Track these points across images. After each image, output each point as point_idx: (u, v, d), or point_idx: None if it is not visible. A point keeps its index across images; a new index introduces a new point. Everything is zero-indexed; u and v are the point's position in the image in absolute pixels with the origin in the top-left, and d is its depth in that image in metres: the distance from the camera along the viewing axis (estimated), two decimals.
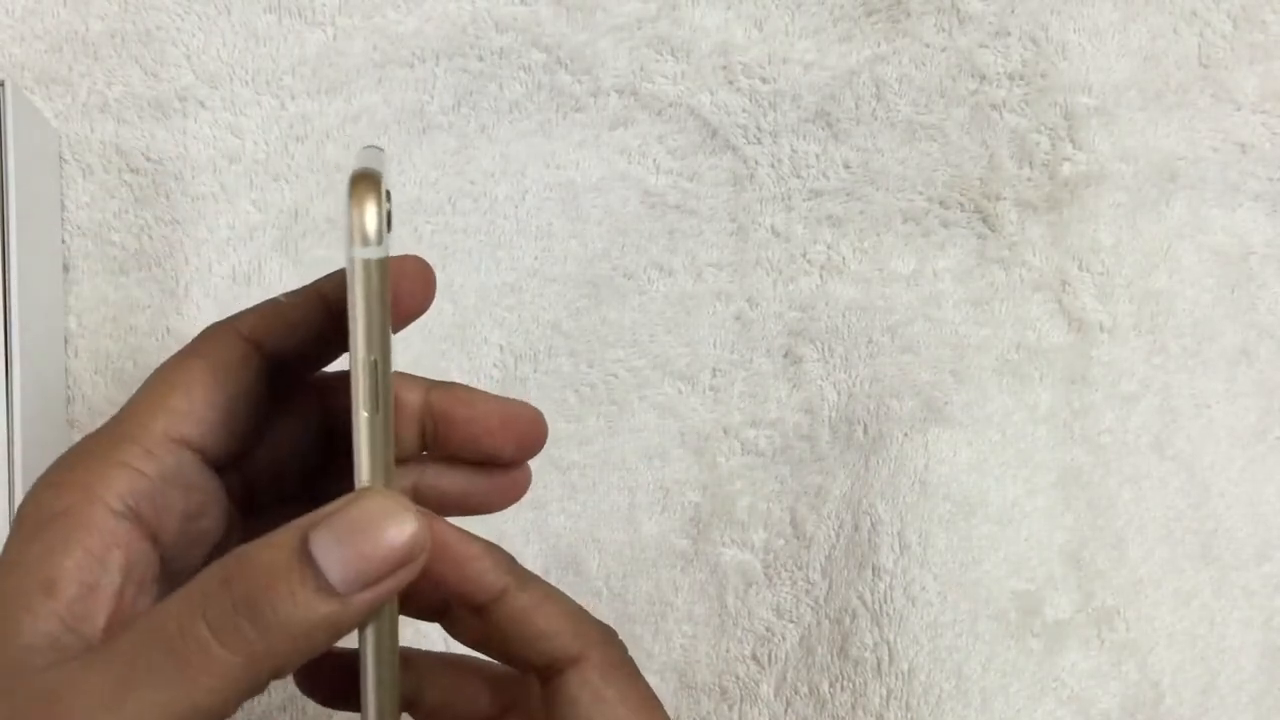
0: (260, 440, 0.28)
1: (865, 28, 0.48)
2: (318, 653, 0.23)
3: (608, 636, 0.28)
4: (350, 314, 0.23)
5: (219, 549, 0.27)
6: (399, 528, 0.23)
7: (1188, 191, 0.49)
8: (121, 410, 0.26)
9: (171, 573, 0.26)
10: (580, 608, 0.28)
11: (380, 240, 0.22)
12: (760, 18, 0.48)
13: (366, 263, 0.22)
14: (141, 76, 0.45)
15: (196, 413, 0.25)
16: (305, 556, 0.22)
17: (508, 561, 0.27)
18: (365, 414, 0.23)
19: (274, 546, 0.22)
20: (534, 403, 0.46)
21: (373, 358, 0.23)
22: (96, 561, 0.23)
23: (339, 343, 0.27)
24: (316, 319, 0.27)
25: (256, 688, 0.22)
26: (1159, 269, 0.48)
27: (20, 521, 0.24)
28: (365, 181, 0.22)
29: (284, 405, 0.28)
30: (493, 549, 0.27)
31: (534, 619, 0.27)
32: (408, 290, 0.27)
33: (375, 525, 0.23)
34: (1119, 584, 0.46)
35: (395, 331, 0.26)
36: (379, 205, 0.22)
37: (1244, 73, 0.49)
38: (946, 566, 0.45)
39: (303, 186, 0.45)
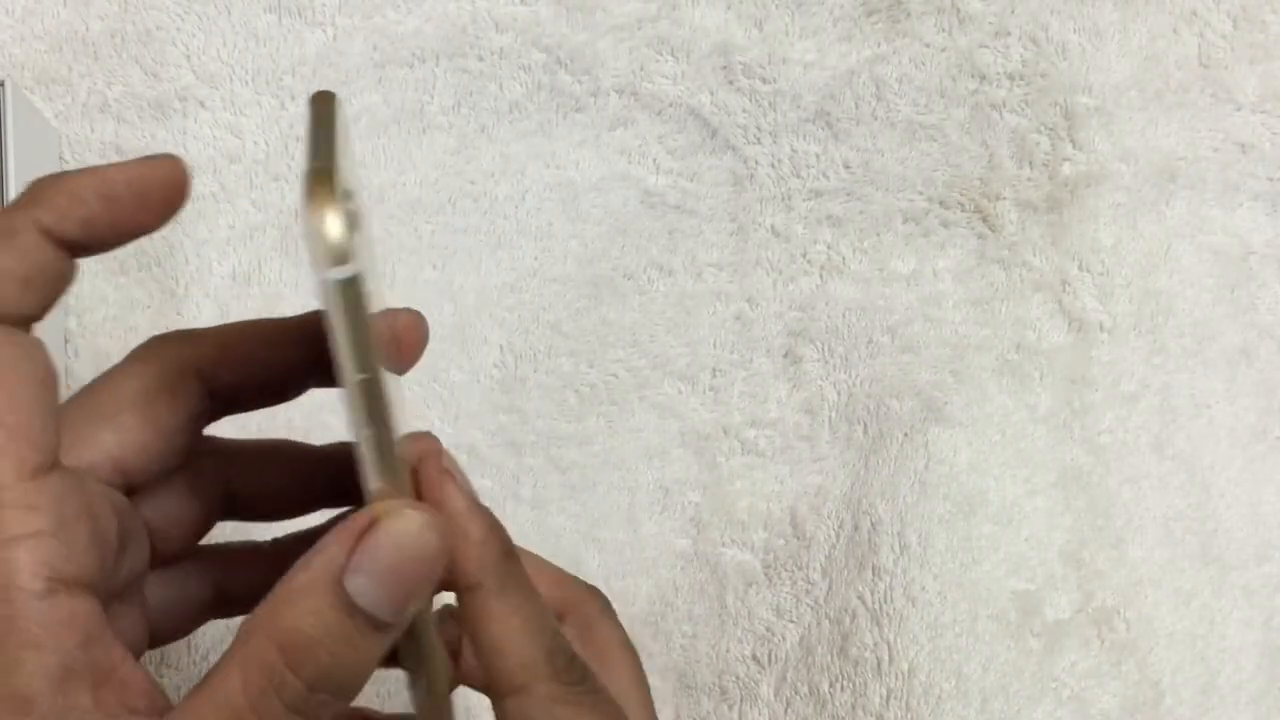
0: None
1: (865, 28, 0.48)
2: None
3: (564, 670, 0.26)
4: (330, 338, 0.21)
5: (126, 540, 0.25)
6: (425, 548, 0.23)
7: (1188, 191, 0.49)
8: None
9: (108, 594, 0.25)
10: (554, 633, 0.26)
11: (348, 256, 0.20)
12: (760, 18, 0.48)
13: (339, 284, 0.20)
14: (141, 76, 0.45)
15: (24, 432, 0.22)
16: (353, 609, 0.22)
17: (497, 559, 0.26)
18: (366, 431, 0.22)
19: (319, 614, 0.22)
20: (534, 403, 0.46)
21: (365, 377, 0.21)
22: (51, 655, 0.21)
23: (72, 275, 0.24)
24: (47, 265, 0.23)
25: None
26: (1159, 269, 0.48)
27: None
28: (320, 182, 0.20)
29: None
30: (490, 538, 0.26)
31: (490, 628, 0.26)
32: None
33: (404, 554, 0.22)
34: (1119, 584, 0.46)
35: (130, 240, 0.24)
36: (340, 213, 0.20)
37: (1244, 73, 0.49)
38: (946, 566, 0.45)
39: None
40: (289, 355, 0.27)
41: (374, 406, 0.22)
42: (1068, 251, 0.48)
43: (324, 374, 0.28)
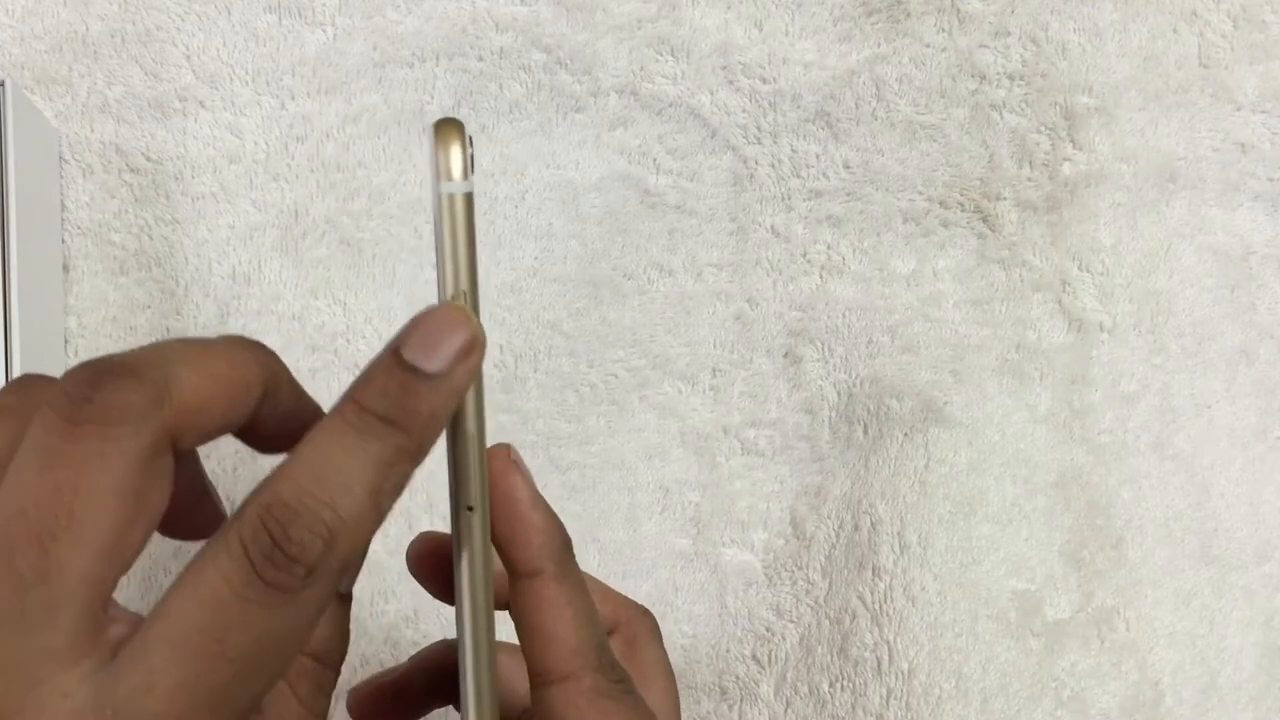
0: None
1: (865, 28, 0.48)
2: (445, 424, 0.24)
3: (610, 667, 0.27)
4: (438, 251, 0.24)
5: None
6: (462, 325, 0.24)
7: (1188, 191, 0.49)
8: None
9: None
10: (601, 631, 0.27)
11: (466, 176, 0.24)
12: (760, 18, 0.48)
13: (453, 197, 0.24)
14: (141, 76, 0.45)
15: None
16: (404, 364, 0.23)
17: (559, 549, 0.27)
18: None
19: (376, 376, 0.23)
20: (534, 402, 0.46)
21: (462, 289, 0.24)
22: None
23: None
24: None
25: (418, 463, 0.24)
26: (1159, 269, 0.48)
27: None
28: (450, 125, 0.24)
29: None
30: (553, 529, 0.27)
31: (544, 614, 0.27)
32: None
33: (444, 326, 0.24)
34: (1119, 584, 0.46)
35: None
36: (464, 146, 0.24)
37: (1244, 73, 0.49)
38: (946, 566, 0.45)
39: (303, 186, 0.45)
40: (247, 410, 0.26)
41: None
42: (1068, 251, 0.48)
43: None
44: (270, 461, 0.24)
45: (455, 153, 0.24)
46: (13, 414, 0.22)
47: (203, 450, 0.26)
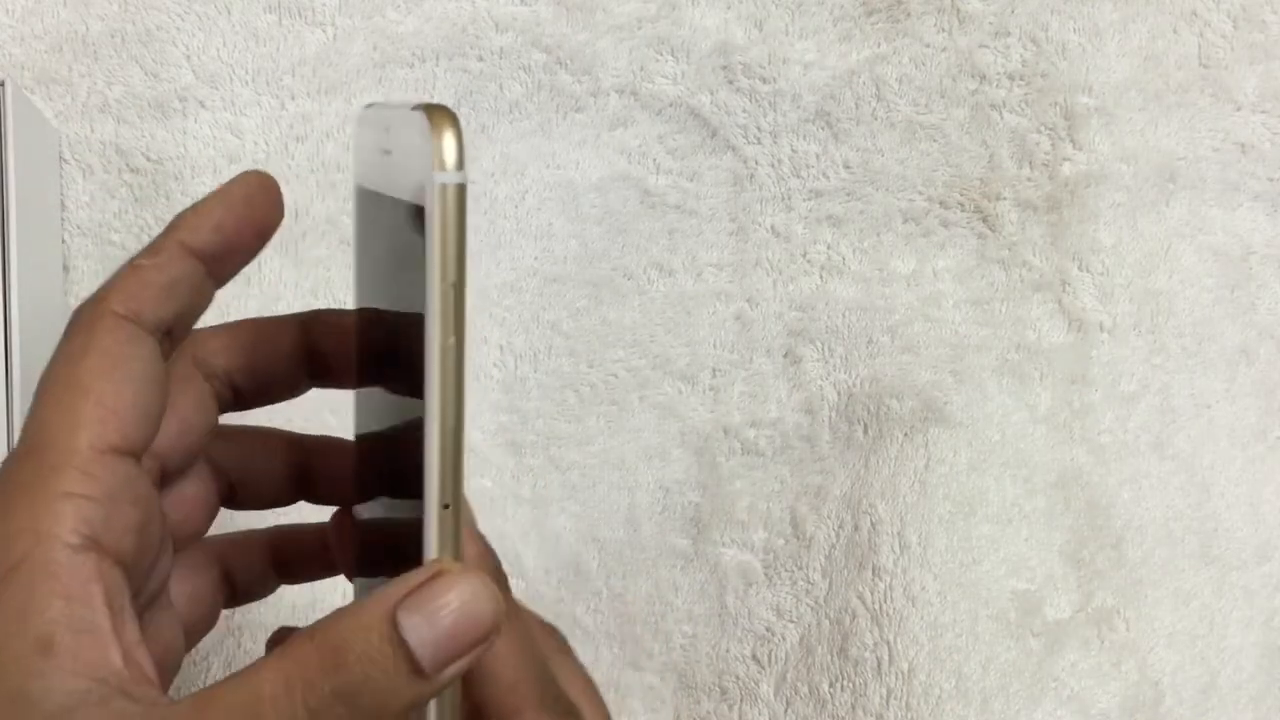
0: (173, 411, 0.27)
1: (865, 28, 0.48)
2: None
3: (554, 701, 0.27)
4: (428, 241, 0.23)
5: (162, 544, 0.26)
6: (486, 609, 0.23)
7: (1188, 191, 0.49)
8: (31, 431, 0.24)
9: (148, 598, 0.26)
10: (544, 664, 0.27)
11: (460, 166, 0.23)
12: (760, 18, 0.48)
13: (445, 188, 0.22)
14: (141, 76, 0.45)
15: (114, 415, 0.24)
16: (398, 641, 0.22)
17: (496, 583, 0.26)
18: (450, 340, 0.23)
19: (367, 630, 0.22)
20: (534, 402, 0.46)
21: (451, 282, 0.23)
22: (81, 606, 0.22)
23: (208, 296, 0.27)
24: (185, 277, 0.26)
25: None
26: (1159, 269, 0.48)
27: None
28: (442, 112, 0.23)
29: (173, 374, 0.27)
30: (491, 564, 0.27)
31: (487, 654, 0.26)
32: (257, 201, 0.26)
33: (466, 607, 0.23)
34: (1119, 584, 0.46)
35: (249, 256, 0.27)
36: (457, 134, 0.23)
37: (1244, 73, 0.49)
38: (946, 566, 0.45)
39: (303, 186, 0.45)
40: (293, 351, 0.28)
41: (458, 315, 0.23)
42: (1068, 251, 0.48)
43: (323, 374, 0.28)
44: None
45: (449, 140, 0.23)
46: None
47: None
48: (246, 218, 0.26)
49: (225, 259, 0.26)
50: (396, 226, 0.25)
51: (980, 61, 0.48)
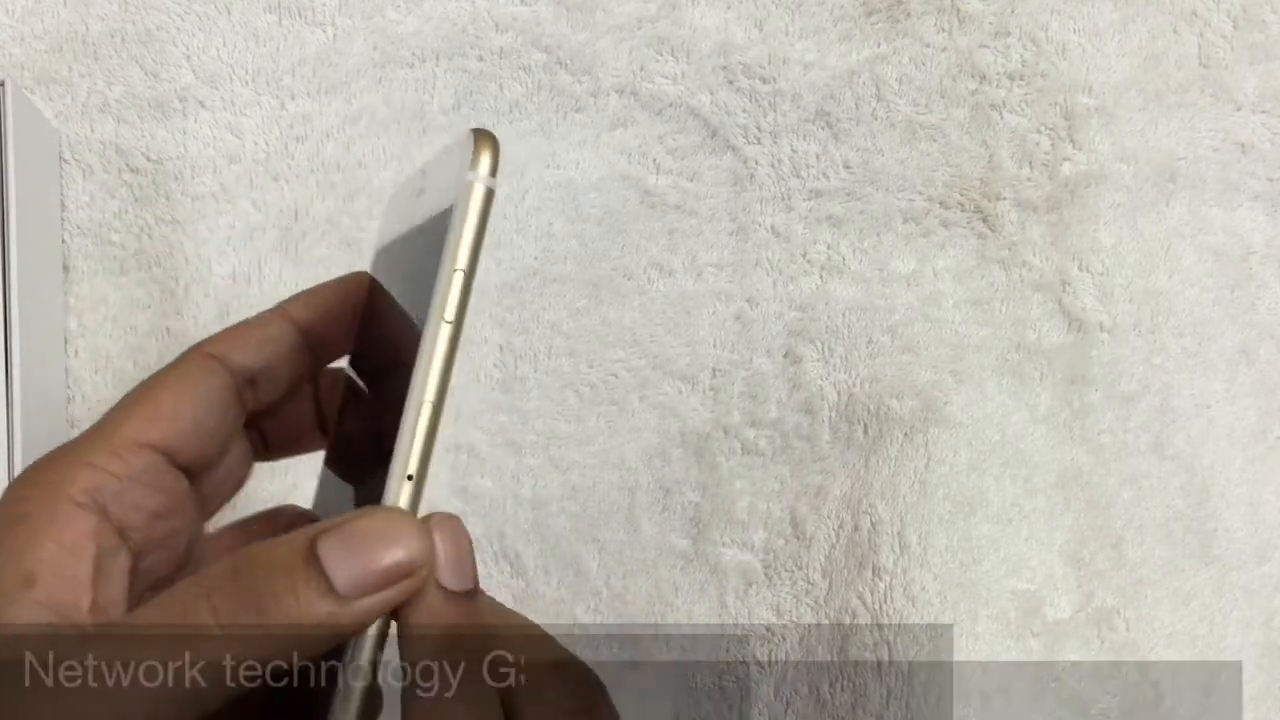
0: (228, 450, 0.29)
1: (865, 28, 0.48)
2: (315, 654, 0.23)
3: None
4: (449, 230, 0.25)
5: (189, 552, 0.28)
6: (404, 544, 0.24)
7: (1188, 191, 0.49)
8: (96, 422, 0.27)
9: (142, 570, 0.27)
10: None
11: (492, 175, 0.25)
12: (760, 18, 0.48)
13: (473, 185, 0.25)
14: (141, 76, 0.45)
15: (163, 418, 0.26)
16: (311, 557, 0.23)
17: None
18: (446, 321, 0.25)
19: (283, 544, 0.23)
20: (534, 402, 0.46)
21: (460, 268, 0.25)
22: (68, 553, 0.24)
23: (304, 362, 0.29)
24: (278, 337, 0.29)
25: (251, 678, 0.23)
26: (1159, 269, 0.48)
27: None
28: (487, 133, 0.26)
29: (253, 419, 0.29)
30: (453, 540, 0.27)
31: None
32: (359, 295, 0.29)
33: (382, 538, 0.23)
34: (1119, 584, 0.46)
35: (344, 342, 0.29)
36: (496, 151, 0.26)
37: (1244, 73, 0.49)
38: (946, 566, 0.45)
39: (303, 186, 0.45)
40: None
41: (461, 300, 0.25)
42: (1068, 251, 0.48)
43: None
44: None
45: (487, 153, 0.25)
46: None
47: None
48: (346, 301, 0.29)
49: (322, 333, 0.29)
50: (423, 248, 0.27)
51: (980, 61, 0.48)
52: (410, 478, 0.25)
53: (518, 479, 0.45)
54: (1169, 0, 0.49)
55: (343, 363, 0.31)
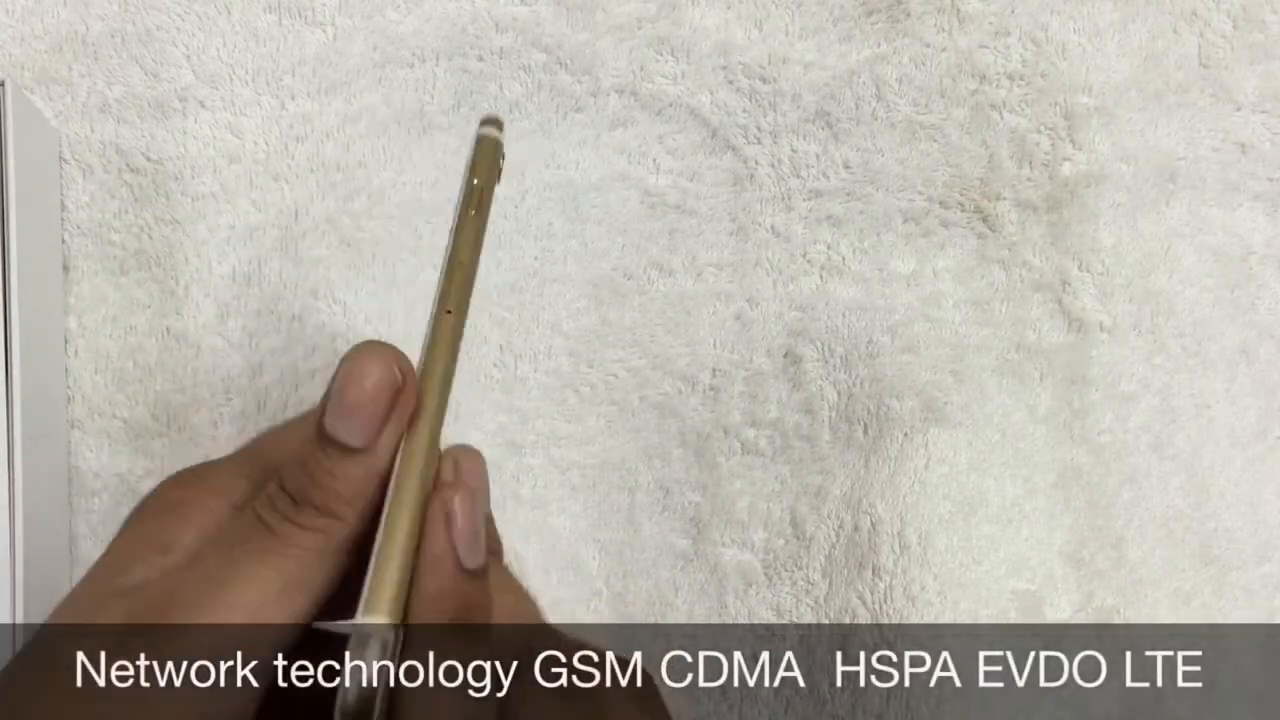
0: None
1: (865, 28, 0.48)
2: (375, 502, 0.26)
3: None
4: (451, 238, 0.27)
5: None
6: (374, 370, 0.25)
7: (1188, 191, 0.49)
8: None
9: None
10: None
11: (496, 178, 0.27)
12: (760, 18, 0.48)
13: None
14: (141, 76, 0.45)
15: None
16: (324, 436, 0.25)
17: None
18: (445, 310, 0.26)
19: (300, 441, 0.25)
20: (534, 402, 0.46)
21: (462, 260, 0.27)
22: (207, 538, 0.25)
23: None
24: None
25: (339, 548, 0.25)
26: (1159, 269, 0.48)
27: (140, 507, 0.26)
28: (489, 141, 0.28)
29: None
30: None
31: None
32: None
33: (357, 375, 0.25)
34: (1119, 584, 0.46)
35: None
36: (497, 154, 0.28)
37: (1244, 73, 0.49)
38: (946, 566, 0.45)
39: (303, 186, 0.45)
40: None
41: (462, 291, 0.27)
42: (1068, 251, 0.48)
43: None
44: None
45: (486, 161, 0.28)
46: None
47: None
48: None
49: None
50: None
51: (980, 61, 0.48)
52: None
53: (518, 479, 0.45)
54: (1169, 0, 0.49)
55: None
